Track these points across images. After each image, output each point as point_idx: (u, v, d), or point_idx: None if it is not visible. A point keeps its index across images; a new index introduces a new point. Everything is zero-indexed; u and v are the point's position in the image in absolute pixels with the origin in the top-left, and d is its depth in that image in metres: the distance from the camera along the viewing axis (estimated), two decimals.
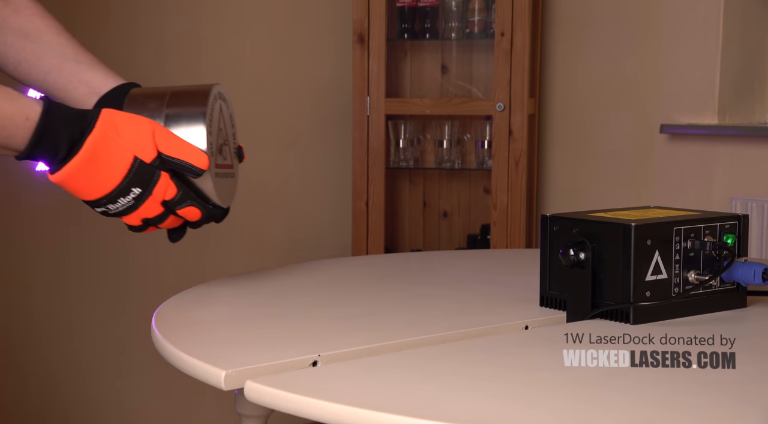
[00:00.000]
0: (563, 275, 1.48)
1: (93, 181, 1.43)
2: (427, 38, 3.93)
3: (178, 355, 1.29)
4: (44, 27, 1.72)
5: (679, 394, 1.11)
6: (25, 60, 1.70)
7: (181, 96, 1.51)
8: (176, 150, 1.45)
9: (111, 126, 1.42)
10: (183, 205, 1.47)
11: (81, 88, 1.67)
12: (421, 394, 1.12)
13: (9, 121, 1.38)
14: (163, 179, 1.44)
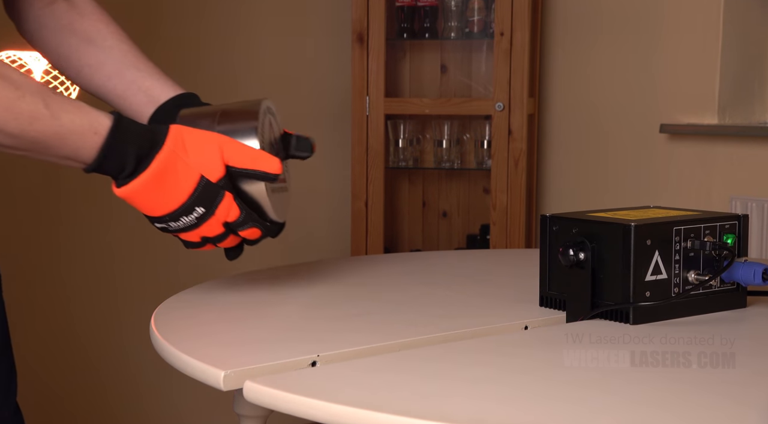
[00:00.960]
0: (563, 275, 1.48)
1: (158, 198, 1.42)
2: (427, 38, 3.93)
3: (177, 355, 1.29)
4: (108, 33, 1.71)
5: (679, 394, 1.11)
6: (87, 65, 1.70)
7: (231, 113, 1.50)
8: (247, 160, 1.44)
9: (180, 143, 1.42)
10: (245, 227, 1.47)
11: (139, 96, 1.67)
12: (421, 394, 1.12)
13: (78, 135, 1.37)
14: (227, 200, 1.43)
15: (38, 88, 1.35)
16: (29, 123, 1.33)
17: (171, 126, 1.43)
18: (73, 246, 3.29)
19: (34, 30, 1.72)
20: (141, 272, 3.40)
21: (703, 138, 3.57)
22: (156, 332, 1.40)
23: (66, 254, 3.29)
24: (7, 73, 1.32)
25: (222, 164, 1.43)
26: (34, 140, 1.35)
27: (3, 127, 1.32)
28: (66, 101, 1.37)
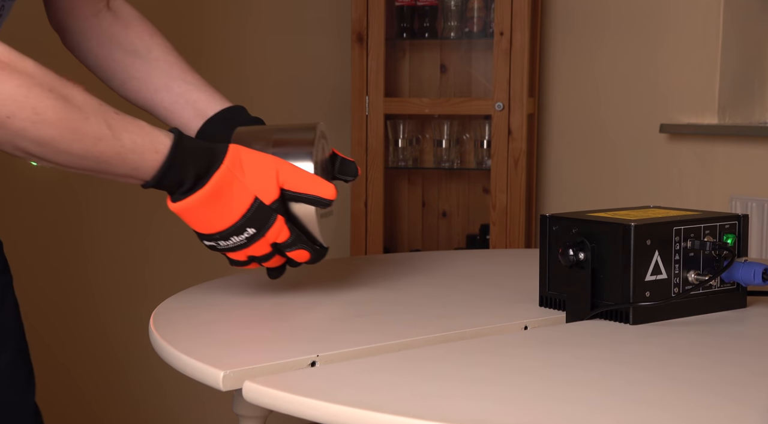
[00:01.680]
0: (563, 275, 1.48)
1: (211, 216, 1.43)
2: (426, 37, 3.93)
3: (176, 355, 1.29)
4: (153, 44, 1.71)
5: (679, 395, 1.11)
6: (133, 77, 1.69)
7: (286, 136, 1.51)
8: (303, 185, 1.45)
9: (237, 164, 1.42)
10: (293, 248, 1.48)
11: (187, 109, 1.68)
12: (420, 394, 1.12)
13: (139, 154, 1.37)
14: (278, 223, 1.44)
15: (100, 107, 1.35)
16: (93, 144, 1.34)
17: (230, 146, 1.44)
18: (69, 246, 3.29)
19: (79, 42, 1.72)
20: (139, 272, 3.40)
21: (703, 138, 3.57)
22: (155, 332, 1.40)
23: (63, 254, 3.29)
24: (70, 93, 1.32)
25: (277, 187, 1.43)
26: (97, 160, 1.35)
27: (68, 148, 1.33)
28: (127, 120, 1.37)
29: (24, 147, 1.31)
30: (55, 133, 1.30)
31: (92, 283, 3.30)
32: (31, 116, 1.28)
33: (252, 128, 1.56)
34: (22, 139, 1.30)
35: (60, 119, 1.30)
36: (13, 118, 1.28)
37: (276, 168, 1.44)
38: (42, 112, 1.29)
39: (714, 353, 1.30)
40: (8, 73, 1.27)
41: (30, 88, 1.28)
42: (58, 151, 1.32)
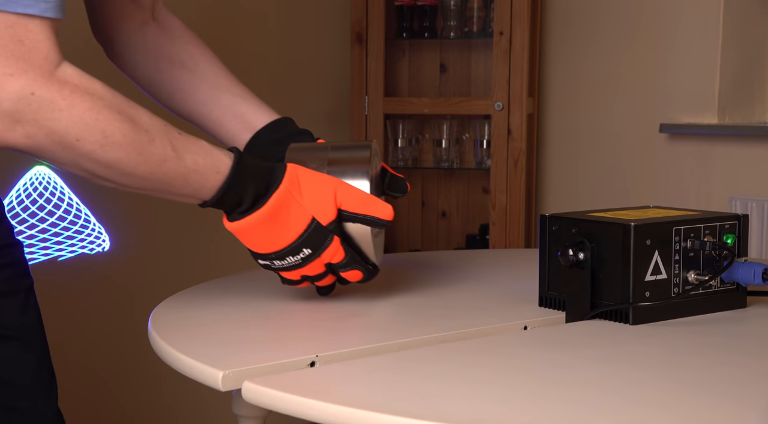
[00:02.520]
0: (562, 275, 1.48)
1: (268, 236, 1.43)
2: (426, 37, 3.93)
3: (175, 355, 1.29)
4: (199, 56, 1.71)
5: (679, 395, 1.11)
6: (180, 90, 1.69)
7: (342, 154, 1.52)
8: (360, 206, 1.45)
9: (295, 184, 1.43)
10: (347, 269, 1.48)
11: (235, 122, 1.68)
12: (420, 394, 1.12)
13: (201, 175, 1.38)
14: (334, 244, 1.45)
15: (164, 128, 1.36)
16: (158, 165, 1.35)
17: (288, 165, 1.44)
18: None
19: (125, 54, 1.71)
20: (138, 272, 3.39)
21: (703, 138, 3.57)
22: (153, 333, 1.40)
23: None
24: (137, 115, 1.33)
25: (335, 208, 1.44)
26: (161, 182, 1.36)
27: (134, 170, 1.34)
28: (189, 140, 1.38)
29: (89, 168, 1.32)
30: (122, 155, 1.31)
31: (91, 283, 3.29)
32: (99, 139, 1.29)
33: (306, 145, 1.56)
34: (89, 161, 1.31)
35: (128, 142, 1.31)
36: (83, 141, 1.28)
37: (334, 188, 1.45)
38: (111, 134, 1.30)
39: (714, 353, 1.30)
40: (79, 96, 1.28)
41: (100, 110, 1.29)
42: (123, 173, 1.34)
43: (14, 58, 1.25)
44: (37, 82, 1.25)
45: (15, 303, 1.60)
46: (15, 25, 1.25)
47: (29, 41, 1.26)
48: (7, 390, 1.58)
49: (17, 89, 1.24)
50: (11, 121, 1.25)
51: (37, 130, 1.27)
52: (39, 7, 1.26)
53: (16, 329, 1.59)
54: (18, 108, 1.25)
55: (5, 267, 1.60)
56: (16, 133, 1.26)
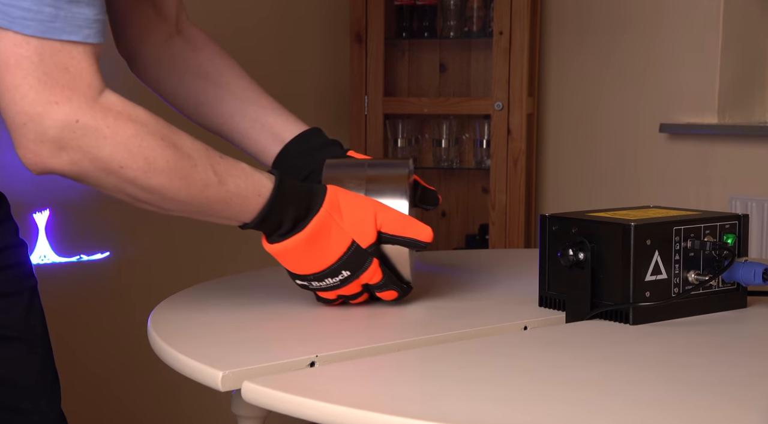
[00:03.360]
0: (562, 275, 1.48)
1: (307, 258, 1.44)
2: (425, 37, 3.93)
3: (174, 356, 1.29)
4: (224, 67, 1.72)
5: (679, 395, 1.11)
6: (206, 102, 1.69)
7: (379, 173, 1.52)
8: (400, 228, 1.46)
9: (335, 207, 1.44)
10: (384, 289, 1.49)
11: (264, 134, 1.68)
12: (419, 395, 1.12)
13: (243, 198, 1.39)
14: (373, 266, 1.46)
15: (206, 153, 1.37)
16: (200, 190, 1.36)
17: (327, 188, 1.45)
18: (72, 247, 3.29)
19: (150, 68, 1.71)
20: (138, 272, 3.39)
21: (703, 138, 3.57)
22: (153, 333, 1.40)
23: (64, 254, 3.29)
24: (180, 140, 1.34)
25: (374, 231, 1.45)
26: (202, 206, 1.38)
27: (177, 195, 1.35)
28: (230, 164, 1.39)
29: (133, 193, 1.34)
30: (165, 181, 1.32)
31: (90, 283, 3.29)
32: (143, 166, 1.30)
33: (342, 162, 1.56)
34: (132, 187, 1.32)
35: (170, 168, 1.32)
36: (126, 167, 1.30)
37: (374, 211, 1.45)
38: (154, 161, 1.31)
39: (714, 353, 1.30)
40: (123, 123, 1.29)
41: (143, 137, 1.30)
42: (166, 198, 1.35)
43: (59, 87, 1.26)
44: (81, 110, 1.27)
45: (19, 304, 1.60)
46: (59, 53, 1.26)
47: (73, 68, 1.27)
48: (11, 391, 1.58)
49: (62, 117, 1.26)
50: (57, 147, 1.27)
51: (81, 157, 1.28)
52: (82, 33, 1.27)
53: (20, 330, 1.59)
54: (63, 135, 1.26)
55: (10, 267, 1.60)
56: (61, 159, 1.28)
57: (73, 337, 3.23)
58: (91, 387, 3.31)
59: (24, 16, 1.24)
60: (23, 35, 1.24)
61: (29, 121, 1.26)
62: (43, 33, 1.25)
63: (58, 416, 1.63)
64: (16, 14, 1.24)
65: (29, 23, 1.24)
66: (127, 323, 3.27)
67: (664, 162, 3.68)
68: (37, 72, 1.25)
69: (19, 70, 1.25)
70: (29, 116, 1.26)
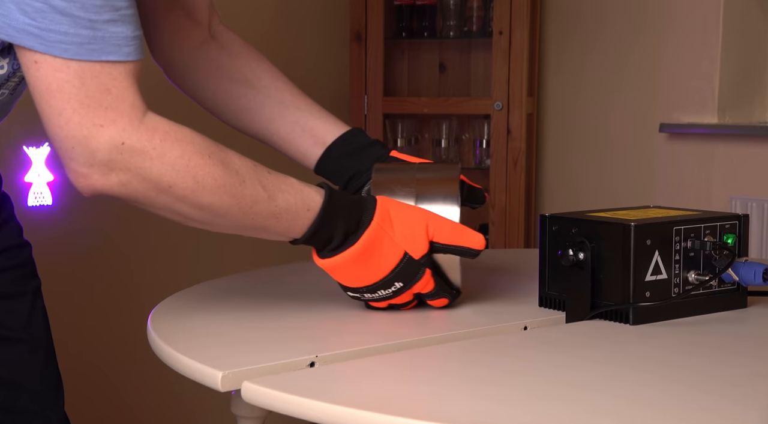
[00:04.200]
0: (562, 276, 1.48)
1: (360, 272, 1.44)
2: (425, 37, 3.93)
3: (174, 356, 1.29)
4: (261, 72, 1.71)
5: (679, 395, 1.11)
6: (246, 108, 1.68)
7: (429, 181, 1.52)
8: (453, 237, 1.45)
9: (387, 219, 1.43)
10: (435, 298, 1.49)
11: (305, 137, 1.67)
12: (420, 395, 1.12)
13: (292, 214, 1.39)
14: (425, 276, 1.45)
15: (254, 169, 1.37)
16: (250, 207, 1.36)
17: (378, 200, 1.45)
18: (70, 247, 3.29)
19: (186, 74, 1.70)
20: (137, 272, 3.39)
21: (703, 137, 3.57)
22: (153, 333, 1.40)
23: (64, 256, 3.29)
24: (227, 158, 1.34)
25: (426, 241, 1.44)
26: (253, 222, 1.38)
27: (227, 213, 1.35)
28: (279, 179, 1.39)
29: (183, 212, 1.34)
30: (214, 199, 1.33)
31: (88, 284, 3.29)
32: (191, 185, 1.31)
33: (391, 168, 1.55)
34: (182, 206, 1.33)
35: (219, 186, 1.33)
36: (175, 187, 1.30)
37: (425, 222, 1.45)
38: (202, 180, 1.31)
39: (714, 353, 1.30)
40: (170, 144, 1.29)
41: (191, 157, 1.30)
42: (216, 215, 1.35)
43: (102, 109, 1.26)
44: (126, 132, 1.27)
45: (23, 305, 1.60)
46: (100, 75, 1.26)
47: (115, 89, 1.27)
48: (14, 393, 1.58)
49: (107, 139, 1.26)
50: (106, 170, 1.28)
51: (130, 178, 1.29)
52: (122, 52, 1.28)
53: (24, 331, 1.59)
54: (111, 157, 1.27)
55: (14, 268, 1.60)
56: (110, 181, 1.28)
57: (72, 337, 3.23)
58: (93, 387, 3.31)
59: (62, 40, 1.24)
60: (63, 59, 1.24)
61: (77, 144, 1.26)
62: (83, 55, 1.25)
63: (61, 419, 1.63)
64: (54, 38, 1.24)
65: (67, 47, 1.24)
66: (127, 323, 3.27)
67: (664, 162, 3.68)
68: (79, 95, 1.25)
69: (62, 95, 1.25)
70: (76, 140, 1.26)
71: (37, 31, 1.24)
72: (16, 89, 1.45)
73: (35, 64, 1.26)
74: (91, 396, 3.31)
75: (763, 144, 3.43)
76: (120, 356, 3.37)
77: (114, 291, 3.36)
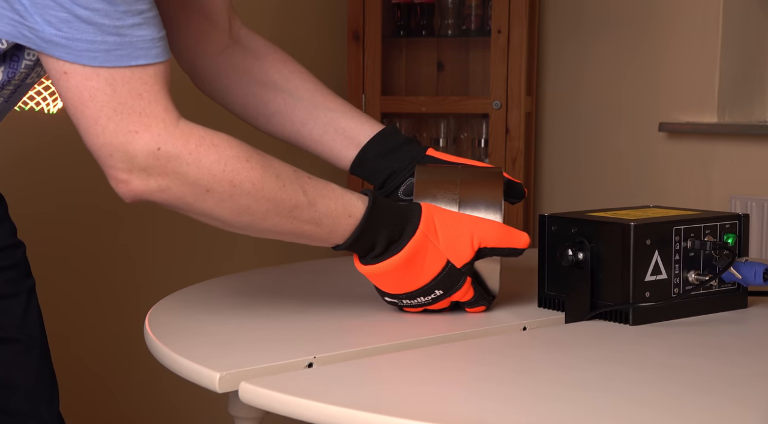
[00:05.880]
0: (562, 276, 1.48)
1: (401, 279, 1.44)
2: (423, 35, 3.92)
3: (171, 356, 1.29)
4: (289, 73, 1.69)
5: (679, 396, 1.11)
6: (277, 112, 1.67)
7: (472, 187, 1.51)
8: (500, 240, 1.45)
9: (431, 227, 1.43)
10: (474, 306, 1.49)
11: (338, 139, 1.66)
12: (418, 395, 1.12)
13: (333, 219, 1.39)
14: (466, 285, 1.45)
15: (294, 173, 1.37)
16: (289, 212, 1.36)
17: (422, 207, 1.44)
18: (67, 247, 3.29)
19: (213, 81, 1.68)
20: (135, 272, 3.40)
21: (703, 137, 3.57)
22: (150, 333, 1.40)
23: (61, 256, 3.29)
24: (265, 162, 1.34)
25: (470, 250, 1.44)
26: (293, 227, 1.38)
27: (265, 217, 1.35)
28: (320, 184, 1.39)
29: (222, 217, 1.34)
30: (251, 202, 1.33)
31: (86, 283, 3.29)
32: (228, 189, 1.31)
33: (432, 172, 1.54)
34: (220, 211, 1.33)
35: (258, 190, 1.33)
36: (212, 191, 1.30)
37: (471, 230, 1.44)
38: (240, 184, 1.31)
39: (714, 354, 1.30)
40: (205, 149, 1.29)
41: (227, 161, 1.30)
42: (254, 219, 1.35)
43: (136, 115, 1.26)
44: (161, 138, 1.27)
45: (17, 305, 1.60)
46: (131, 80, 1.26)
47: (147, 94, 1.27)
48: (9, 394, 1.58)
49: (143, 145, 1.26)
50: (145, 175, 1.28)
51: (169, 183, 1.29)
52: (151, 54, 1.28)
53: (18, 332, 1.59)
54: (149, 163, 1.27)
55: (8, 268, 1.60)
56: (150, 186, 1.29)
57: (69, 336, 3.23)
58: (89, 388, 3.31)
59: (89, 48, 1.24)
60: (92, 67, 1.25)
61: (115, 151, 1.27)
62: (112, 62, 1.25)
63: (56, 419, 1.63)
64: (81, 47, 1.24)
65: (95, 55, 1.24)
66: (125, 323, 3.28)
67: (663, 161, 3.68)
68: (112, 102, 1.25)
69: (95, 103, 1.25)
70: (114, 147, 1.26)
71: (64, 41, 1.24)
72: (11, 97, 1.45)
73: (65, 75, 1.26)
74: (86, 396, 3.31)
75: (763, 143, 3.43)
76: (116, 356, 3.37)
77: (111, 291, 3.36)
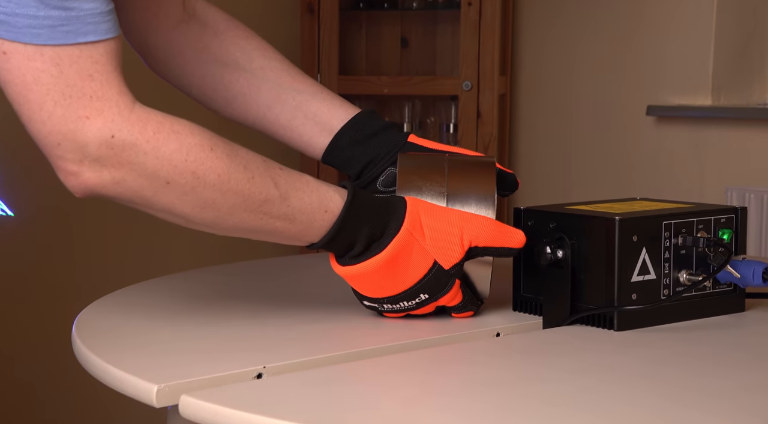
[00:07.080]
0: (539, 276, 1.48)
1: (383, 282, 1.42)
2: (386, 8, 3.93)
3: (103, 367, 1.29)
4: (253, 50, 1.68)
5: (667, 411, 1.12)
6: (239, 94, 1.65)
7: (462, 178, 1.50)
8: (492, 239, 1.44)
9: (417, 225, 1.41)
10: (462, 311, 1.48)
11: (308, 125, 1.64)
12: (379, 408, 1.12)
13: (308, 215, 1.37)
14: (454, 289, 1.44)
15: (264, 164, 1.35)
16: (259, 206, 1.34)
17: (408, 201, 1.43)
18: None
19: (166, 59, 1.65)
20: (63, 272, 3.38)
21: (696, 121, 3.59)
22: (78, 341, 1.39)
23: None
24: (231, 151, 1.33)
25: (459, 250, 1.42)
26: (263, 223, 1.36)
27: (231, 212, 1.34)
28: (293, 176, 1.37)
29: (184, 213, 1.32)
30: (217, 196, 1.31)
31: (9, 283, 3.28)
32: (191, 181, 1.29)
33: (417, 163, 1.52)
34: (182, 206, 1.31)
35: (223, 182, 1.31)
36: (173, 184, 1.29)
37: (460, 228, 1.43)
38: (203, 176, 1.30)
39: (708, 363, 1.31)
40: (164, 136, 1.28)
41: (189, 150, 1.29)
42: (220, 216, 1.33)
43: (86, 98, 1.24)
44: (115, 124, 1.25)
45: None
46: (80, 60, 1.24)
47: (98, 74, 1.25)
48: None
49: (95, 133, 1.25)
50: (98, 166, 1.26)
51: (124, 175, 1.27)
52: (100, 29, 1.26)
53: None
54: (101, 153, 1.25)
55: None
56: (103, 179, 1.27)
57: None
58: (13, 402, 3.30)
59: (31, 24, 1.22)
60: (35, 46, 1.22)
61: (63, 140, 1.25)
62: (57, 39, 1.23)
63: None
64: (22, 23, 1.22)
65: (39, 31, 1.22)
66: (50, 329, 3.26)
67: (651, 149, 3.70)
68: (59, 85, 1.23)
69: (39, 87, 1.23)
70: (62, 135, 1.24)
71: (2, 17, 1.22)
72: None
73: (4, 55, 1.24)
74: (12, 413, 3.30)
75: (762, 129, 3.45)
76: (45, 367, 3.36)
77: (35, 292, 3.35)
